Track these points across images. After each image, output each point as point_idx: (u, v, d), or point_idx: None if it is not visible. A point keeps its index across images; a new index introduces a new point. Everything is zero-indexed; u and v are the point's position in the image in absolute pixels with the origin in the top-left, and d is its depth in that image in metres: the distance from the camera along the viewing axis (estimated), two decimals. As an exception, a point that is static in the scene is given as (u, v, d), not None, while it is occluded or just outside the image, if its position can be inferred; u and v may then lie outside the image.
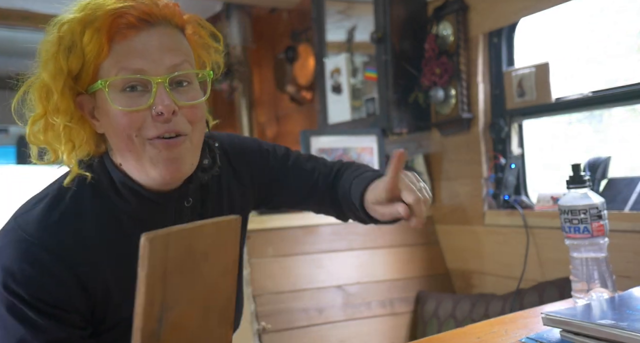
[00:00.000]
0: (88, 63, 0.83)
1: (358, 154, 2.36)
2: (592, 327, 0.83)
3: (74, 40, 0.83)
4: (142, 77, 0.82)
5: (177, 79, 0.85)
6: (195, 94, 0.88)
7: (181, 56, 0.86)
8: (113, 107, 0.83)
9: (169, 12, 0.87)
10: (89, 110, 0.88)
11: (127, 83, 0.83)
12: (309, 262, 2.08)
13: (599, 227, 1.05)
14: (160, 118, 0.83)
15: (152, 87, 0.83)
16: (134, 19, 0.82)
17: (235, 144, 1.10)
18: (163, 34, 0.85)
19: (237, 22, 3.65)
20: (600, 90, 1.83)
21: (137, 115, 0.83)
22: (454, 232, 2.29)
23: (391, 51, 2.35)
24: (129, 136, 0.84)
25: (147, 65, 0.82)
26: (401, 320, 2.17)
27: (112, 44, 0.82)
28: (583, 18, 1.96)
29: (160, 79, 0.83)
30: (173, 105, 0.83)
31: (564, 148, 2.13)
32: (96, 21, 0.81)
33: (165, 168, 0.85)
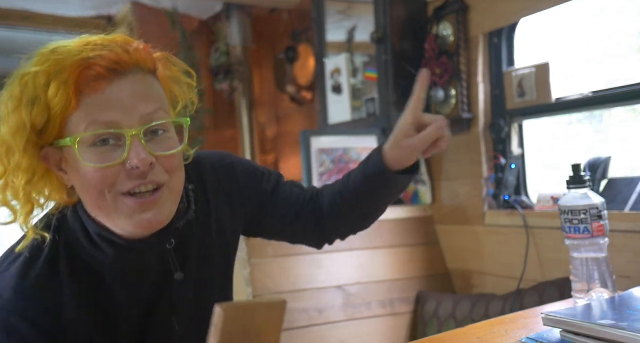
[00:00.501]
0: (54, 117, 0.77)
1: (358, 154, 2.36)
2: (592, 327, 0.83)
3: (37, 94, 0.77)
4: (115, 131, 0.77)
5: (152, 129, 0.80)
6: (172, 142, 0.83)
7: (155, 103, 0.81)
8: (84, 164, 0.77)
9: (140, 57, 0.81)
10: (55, 162, 0.82)
11: (98, 137, 0.77)
12: (309, 262, 2.08)
13: (599, 227, 1.05)
14: (135, 172, 0.78)
15: (126, 140, 0.77)
16: (103, 69, 0.77)
17: (226, 163, 1.06)
18: (135, 82, 0.80)
19: (237, 22, 3.65)
20: (600, 90, 1.83)
21: (110, 171, 0.78)
22: (454, 232, 2.29)
23: (391, 51, 2.35)
24: (100, 192, 0.79)
25: (119, 117, 0.77)
26: (401, 320, 2.17)
27: (81, 97, 0.76)
28: (583, 18, 1.96)
29: (134, 131, 0.77)
30: (149, 157, 0.78)
31: (564, 148, 2.13)
32: (62, 73, 0.76)
33: (141, 223, 0.81)
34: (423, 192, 2.41)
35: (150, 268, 0.89)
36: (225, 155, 1.08)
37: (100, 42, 0.80)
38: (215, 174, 1.03)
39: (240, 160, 1.10)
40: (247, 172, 1.07)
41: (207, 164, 1.03)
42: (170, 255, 0.92)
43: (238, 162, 1.08)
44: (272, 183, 1.09)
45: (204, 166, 1.02)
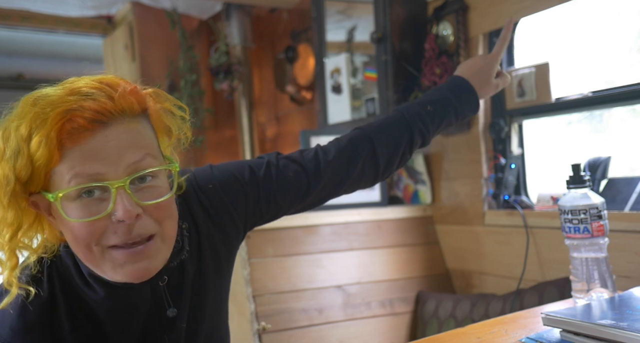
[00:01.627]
0: (38, 169, 0.75)
1: (358, 154, 2.36)
2: (592, 327, 0.83)
3: (20, 147, 0.74)
4: (100, 184, 0.75)
5: (140, 176, 0.78)
6: (161, 190, 0.80)
7: (142, 151, 0.78)
8: (68, 220, 0.75)
9: (126, 103, 0.78)
10: (45, 208, 0.80)
11: (83, 190, 0.75)
12: (309, 262, 2.08)
13: (599, 227, 1.05)
14: (121, 225, 0.76)
15: (112, 193, 0.75)
16: (86, 121, 0.74)
17: (209, 189, 0.99)
18: (121, 131, 0.77)
19: (237, 22, 3.65)
20: (600, 90, 1.83)
21: (96, 225, 0.75)
22: (454, 232, 2.30)
23: (391, 51, 2.35)
24: (87, 246, 0.77)
25: (104, 169, 0.75)
26: (401, 320, 2.17)
27: (63, 150, 0.74)
28: (583, 18, 1.96)
29: (119, 183, 0.75)
30: (135, 209, 0.75)
31: (564, 148, 2.13)
32: (44, 126, 0.73)
33: (132, 273, 0.79)
34: (423, 192, 2.42)
35: (142, 306, 0.88)
36: (208, 178, 1.01)
37: (85, 89, 0.76)
38: (202, 205, 0.98)
39: (223, 176, 1.02)
40: (232, 188, 1.00)
41: (193, 196, 0.98)
42: (163, 292, 0.90)
43: (221, 180, 1.01)
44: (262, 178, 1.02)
45: (191, 200, 0.97)
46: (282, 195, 1.03)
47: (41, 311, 0.81)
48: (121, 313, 0.86)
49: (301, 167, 1.06)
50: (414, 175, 2.45)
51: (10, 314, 0.80)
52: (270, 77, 3.84)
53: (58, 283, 0.84)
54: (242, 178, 1.01)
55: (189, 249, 0.93)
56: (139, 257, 0.78)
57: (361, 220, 2.22)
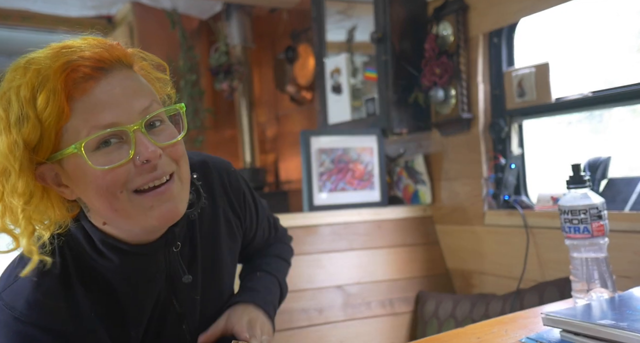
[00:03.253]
0: (48, 130, 0.74)
1: (358, 154, 2.36)
2: (592, 327, 0.83)
3: (24, 110, 0.73)
4: (117, 130, 0.76)
5: (149, 122, 0.79)
6: (172, 131, 0.83)
7: (148, 96, 0.80)
8: (92, 169, 0.75)
9: (120, 53, 0.80)
10: (53, 179, 0.80)
11: (102, 139, 0.76)
12: (309, 262, 2.08)
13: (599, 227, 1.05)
14: (146, 166, 0.77)
15: (130, 137, 0.76)
16: (89, 69, 0.75)
17: (231, 172, 1.06)
18: (123, 78, 0.78)
19: (237, 22, 3.66)
20: (600, 90, 1.83)
21: (120, 170, 0.76)
22: (454, 232, 2.29)
23: (391, 51, 2.35)
24: (113, 194, 0.77)
25: (118, 116, 0.76)
26: (401, 320, 2.17)
27: (72, 103, 0.74)
28: (583, 18, 1.96)
29: (136, 126, 0.76)
30: (157, 149, 0.77)
31: (564, 148, 2.13)
32: (47, 82, 0.73)
33: (162, 214, 0.80)
34: (423, 192, 2.42)
35: (158, 273, 0.89)
36: (227, 163, 1.07)
37: (75, 44, 0.77)
38: (221, 181, 1.03)
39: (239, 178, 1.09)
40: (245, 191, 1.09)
41: (214, 170, 1.03)
42: (176, 260, 0.91)
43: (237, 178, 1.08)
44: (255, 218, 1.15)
45: (210, 170, 1.02)
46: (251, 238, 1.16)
47: (56, 284, 0.81)
48: (136, 281, 0.87)
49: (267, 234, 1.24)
50: (414, 175, 2.45)
51: (26, 287, 0.79)
52: (270, 77, 3.84)
53: (70, 257, 0.84)
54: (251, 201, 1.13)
55: (205, 202, 0.97)
56: (164, 197, 0.80)
57: (361, 220, 2.23)
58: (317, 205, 2.27)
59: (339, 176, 2.32)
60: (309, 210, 2.25)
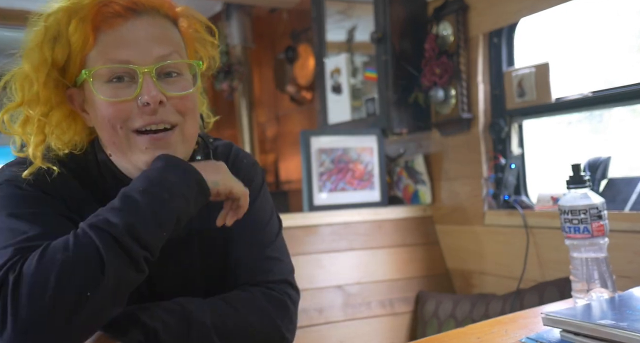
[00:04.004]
0: (74, 54, 0.81)
1: (358, 154, 2.36)
2: (592, 327, 0.83)
3: (59, 30, 0.81)
4: (128, 67, 0.81)
5: (166, 70, 0.83)
6: (185, 84, 0.85)
7: (170, 46, 0.83)
8: (98, 98, 0.81)
9: (158, 1, 0.84)
10: (79, 104, 0.86)
11: (113, 73, 0.81)
12: (309, 262, 2.08)
13: (599, 227, 1.05)
14: (146, 109, 0.81)
15: (139, 78, 0.81)
16: (120, 7, 0.80)
17: (252, 161, 1.03)
18: (151, 24, 0.83)
19: (237, 22, 3.66)
20: (600, 90, 1.83)
21: (122, 106, 0.81)
22: (454, 232, 2.29)
23: (391, 51, 2.35)
24: (113, 127, 0.82)
25: (133, 56, 0.80)
26: (401, 320, 2.17)
27: (98, 34, 0.80)
28: (583, 18, 1.96)
29: (146, 69, 0.81)
30: (160, 95, 0.81)
31: (564, 148, 2.13)
32: (82, 10, 0.79)
33: (152, 159, 0.83)
34: (423, 192, 2.42)
35: None
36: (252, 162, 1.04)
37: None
38: (237, 162, 1.01)
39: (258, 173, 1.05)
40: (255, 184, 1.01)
41: (236, 150, 1.03)
42: None
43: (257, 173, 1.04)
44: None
45: (231, 149, 1.02)
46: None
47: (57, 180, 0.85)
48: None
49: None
50: (414, 176, 2.46)
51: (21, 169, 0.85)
52: (270, 77, 3.84)
53: (74, 169, 0.89)
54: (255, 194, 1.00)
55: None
56: (159, 143, 0.83)
57: (361, 220, 2.23)
58: (317, 205, 2.27)
59: (339, 176, 2.32)
60: (309, 210, 2.25)
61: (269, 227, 1.01)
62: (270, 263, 0.97)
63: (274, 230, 1.02)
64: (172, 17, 0.87)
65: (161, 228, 0.77)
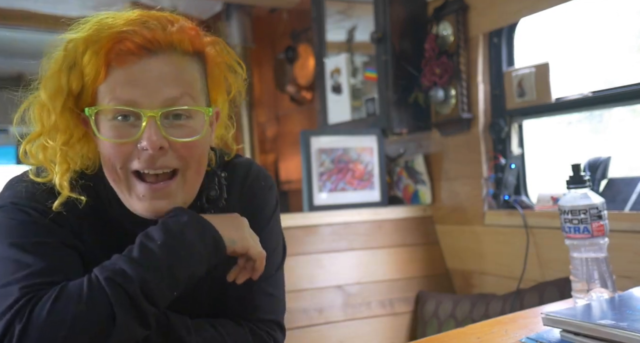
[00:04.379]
0: (87, 84, 0.80)
1: (358, 154, 2.36)
2: (592, 327, 0.83)
3: (75, 60, 0.79)
4: (133, 110, 0.78)
5: (174, 113, 0.80)
6: (194, 129, 0.82)
7: (181, 88, 0.80)
8: (99, 137, 0.80)
9: (177, 38, 0.81)
10: (92, 129, 0.84)
11: (118, 112, 0.79)
12: (309, 262, 2.08)
13: (599, 227, 1.05)
14: (145, 153, 0.79)
15: (143, 121, 0.78)
16: (133, 45, 0.77)
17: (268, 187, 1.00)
18: (165, 64, 0.79)
19: (237, 22, 3.66)
20: (600, 90, 1.83)
21: (124, 147, 0.79)
22: (454, 232, 2.30)
23: (391, 51, 2.35)
24: (113, 167, 0.81)
25: (140, 97, 0.78)
26: (401, 320, 2.17)
27: (110, 69, 0.78)
28: (583, 18, 1.96)
29: (151, 113, 0.78)
30: (160, 141, 0.78)
31: (564, 148, 2.13)
32: (98, 43, 0.78)
33: (151, 209, 0.82)
34: (423, 192, 2.42)
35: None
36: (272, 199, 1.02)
37: (144, 18, 0.81)
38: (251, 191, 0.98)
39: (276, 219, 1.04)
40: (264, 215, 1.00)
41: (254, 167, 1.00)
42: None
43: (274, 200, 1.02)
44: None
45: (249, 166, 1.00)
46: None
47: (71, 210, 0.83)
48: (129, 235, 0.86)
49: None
50: (414, 176, 2.46)
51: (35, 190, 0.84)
52: (270, 77, 3.84)
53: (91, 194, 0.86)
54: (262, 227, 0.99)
55: (226, 197, 0.94)
56: (158, 194, 0.81)
57: (361, 220, 2.23)
58: (317, 205, 2.27)
59: (339, 176, 2.33)
60: (309, 210, 2.25)
61: (272, 258, 0.99)
62: (264, 300, 0.99)
63: (275, 262, 1.02)
64: (194, 50, 0.83)
65: (173, 288, 0.78)
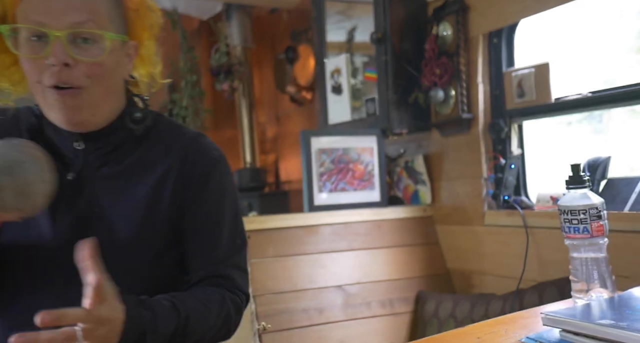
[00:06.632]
0: (7, 8, 0.91)
1: (358, 154, 2.37)
2: (591, 327, 0.83)
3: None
4: (40, 29, 0.88)
5: (81, 35, 0.90)
6: (97, 51, 0.91)
7: (87, 15, 0.90)
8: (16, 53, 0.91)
9: None
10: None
11: (32, 33, 0.89)
12: (310, 262, 2.08)
13: (598, 227, 1.05)
14: (53, 68, 0.88)
15: (50, 40, 0.88)
16: None
17: (218, 156, 1.06)
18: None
19: (237, 22, 3.66)
20: (600, 90, 1.83)
21: (36, 63, 0.89)
22: (454, 232, 2.30)
23: (391, 51, 2.36)
24: (32, 82, 0.92)
25: (48, 20, 0.88)
26: (401, 320, 2.18)
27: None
28: (582, 19, 1.97)
29: (58, 33, 0.87)
30: (64, 57, 0.88)
31: (563, 148, 2.14)
32: None
33: (62, 114, 0.92)
34: (423, 192, 2.42)
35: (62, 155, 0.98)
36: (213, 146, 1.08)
37: None
38: (197, 149, 1.05)
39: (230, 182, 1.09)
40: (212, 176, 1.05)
41: (201, 140, 1.07)
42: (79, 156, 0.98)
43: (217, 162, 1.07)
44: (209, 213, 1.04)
45: (195, 137, 1.06)
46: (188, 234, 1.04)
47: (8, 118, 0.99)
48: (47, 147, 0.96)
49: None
50: (414, 176, 2.46)
51: None
52: (270, 78, 3.84)
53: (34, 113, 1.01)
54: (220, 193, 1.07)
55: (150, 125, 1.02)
56: (66, 99, 0.90)
57: (361, 220, 2.23)
58: (317, 205, 2.27)
59: (339, 176, 2.33)
60: (309, 210, 2.25)
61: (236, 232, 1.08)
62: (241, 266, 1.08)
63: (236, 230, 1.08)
64: None
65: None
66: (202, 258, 1.03)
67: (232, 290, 1.02)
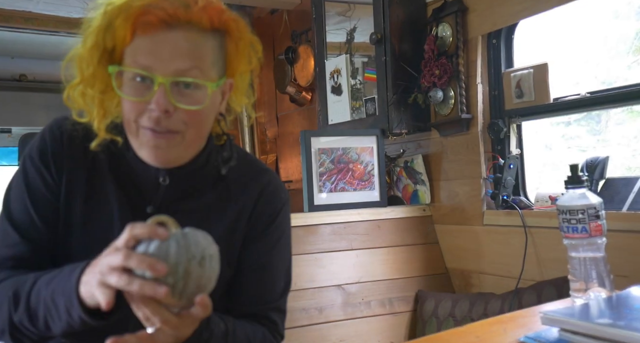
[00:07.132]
0: (117, 45, 0.90)
1: (358, 155, 2.37)
2: (590, 326, 0.83)
3: (111, 21, 0.89)
4: (147, 74, 0.88)
5: (183, 82, 0.90)
6: (198, 99, 0.91)
7: (191, 62, 0.90)
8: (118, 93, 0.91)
9: (197, 16, 0.90)
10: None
11: (137, 74, 0.89)
12: (309, 262, 2.09)
13: (596, 227, 1.06)
14: (153, 113, 0.89)
15: (154, 85, 0.88)
16: (155, 19, 0.87)
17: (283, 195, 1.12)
18: (181, 38, 0.89)
19: (237, 22, 3.65)
20: (598, 91, 1.84)
21: (138, 105, 0.90)
22: (453, 232, 2.30)
23: (391, 52, 2.36)
24: (128, 120, 0.92)
25: (155, 65, 0.88)
26: (400, 320, 2.18)
27: (134, 36, 0.88)
28: (581, 19, 1.97)
29: (162, 79, 0.88)
30: (166, 105, 0.88)
31: (562, 148, 2.14)
32: (128, 11, 0.88)
33: (153, 154, 0.93)
34: (422, 192, 2.43)
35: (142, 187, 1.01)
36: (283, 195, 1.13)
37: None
38: (266, 189, 1.09)
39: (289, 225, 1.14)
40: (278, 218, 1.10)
41: (270, 177, 1.11)
42: (160, 190, 1.00)
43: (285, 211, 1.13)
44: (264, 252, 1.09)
45: (266, 174, 1.11)
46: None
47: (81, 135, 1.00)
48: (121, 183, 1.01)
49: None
50: (413, 176, 2.47)
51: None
52: (270, 78, 3.84)
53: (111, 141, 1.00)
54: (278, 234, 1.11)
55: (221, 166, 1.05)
56: (160, 141, 0.91)
57: (361, 220, 2.23)
58: (317, 205, 2.28)
59: (339, 176, 2.33)
60: (309, 210, 2.26)
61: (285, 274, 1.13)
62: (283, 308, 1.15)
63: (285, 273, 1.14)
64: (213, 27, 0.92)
65: None
66: (253, 297, 1.08)
67: (273, 333, 1.08)
